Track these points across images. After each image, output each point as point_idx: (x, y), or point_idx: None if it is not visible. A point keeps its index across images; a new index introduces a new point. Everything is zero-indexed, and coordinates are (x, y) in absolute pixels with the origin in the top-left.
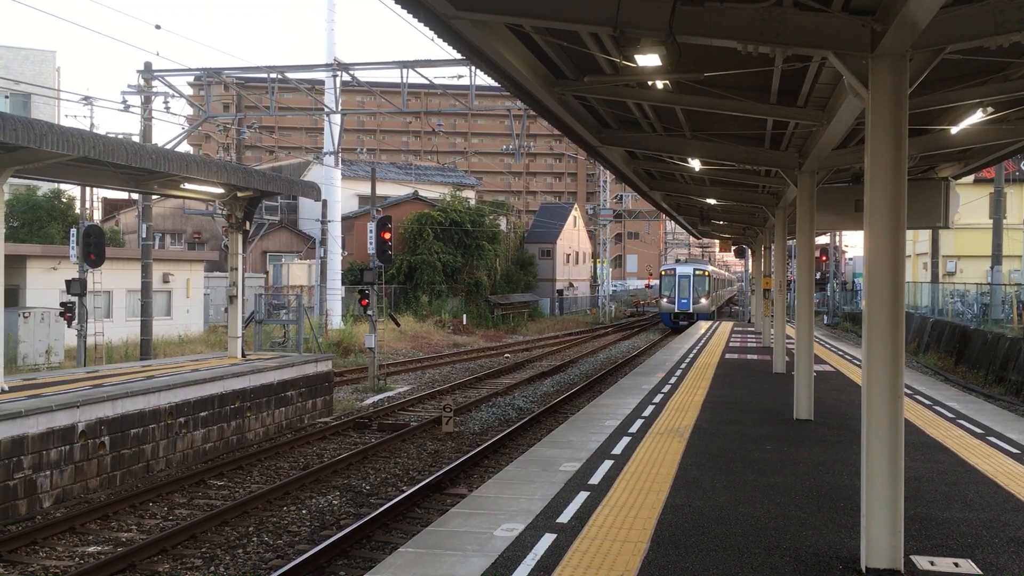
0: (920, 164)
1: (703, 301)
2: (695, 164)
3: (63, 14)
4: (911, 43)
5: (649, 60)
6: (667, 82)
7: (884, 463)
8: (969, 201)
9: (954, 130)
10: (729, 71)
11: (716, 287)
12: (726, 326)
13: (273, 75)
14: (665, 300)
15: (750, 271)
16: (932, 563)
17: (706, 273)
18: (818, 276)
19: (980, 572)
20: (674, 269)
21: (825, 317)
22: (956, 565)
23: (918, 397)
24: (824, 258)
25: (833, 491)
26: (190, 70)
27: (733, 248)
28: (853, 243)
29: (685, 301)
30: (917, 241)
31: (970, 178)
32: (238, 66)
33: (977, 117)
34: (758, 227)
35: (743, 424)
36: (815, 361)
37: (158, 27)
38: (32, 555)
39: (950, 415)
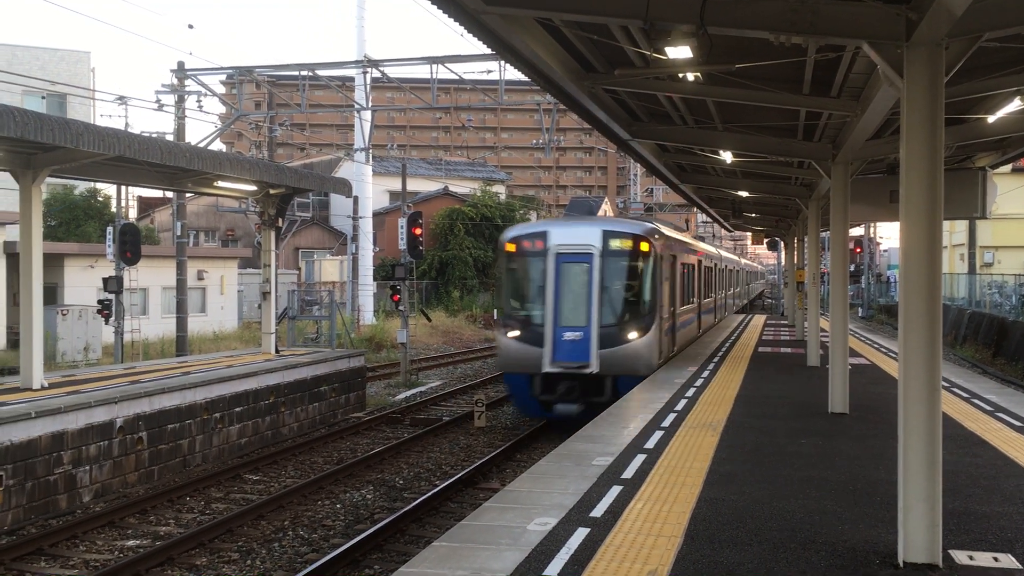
0: (956, 153)
1: (634, 339)
2: (727, 156)
3: (97, 15)
4: (947, 31)
5: (680, 52)
6: (698, 74)
7: (922, 456)
8: (1007, 191)
9: (991, 119)
10: (761, 62)
11: (694, 287)
12: (759, 319)
13: (304, 72)
14: (509, 334)
15: (783, 263)
16: (971, 557)
17: (645, 247)
18: (852, 268)
19: (1020, 566)
20: (544, 234)
21: (860, 310)
22: (996, 560)
23: (955, 390)
24: (858, 250)
25: (869, 485)
26: (222, 69)
27: (766, 240)
28: (887, 234)
29: (575, 339)
30: (954, 232)
31: (1008, 167)
32: (269, 64)
33: (1015, 105)
34: (791, 219)
35: (777, 418)
36: (850, 354)
37: (191, 27)
38: (73, 549)
39: (988, 408)
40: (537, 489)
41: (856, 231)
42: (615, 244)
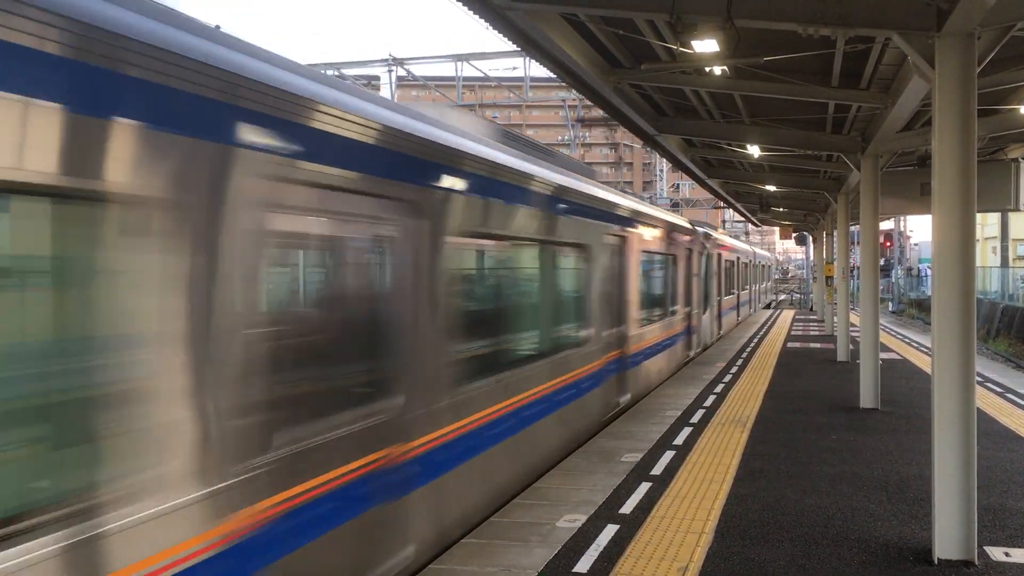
0: (988, 145)
1: None
2: (754, 151)
3: None
4: (979, 21)
5: (707, 46)
6: (725, 68)
7: (956, 452)
8: None
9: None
10: (789, 55)
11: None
12: (787, 314)
13: (330, 71)
14: None
15: (811, 258)
16: (1007, 554)
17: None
18: (882, 262)
19: None
20: None
21: (890, 304)
22: None
23: (989, 384)
24: (888, 243)
25: (902, 481)
26: None
27: (794, 235)
28: (917, 228)
29: None
30: (985, 224)
31: None
32: None
33: None
34: (819, 213)
35: (807, 413)
36: (880, 349)
37: (218, 27)
38: None
39: (1023, 403)
40: (566, 485)
41: (886, 224)
42: None
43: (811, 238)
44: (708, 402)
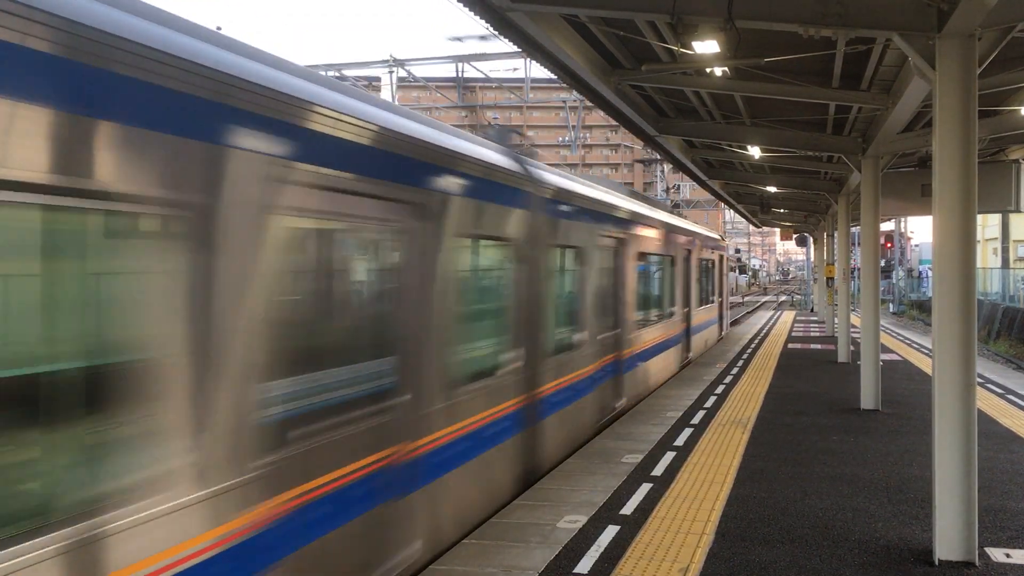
0: (989, 146)
1: None
2: (755, 151)
3: None
4: (979, 22)
5: (707, 47)
6: (726, 69)
7: (956, 454)
8: None
9: None
10: (790, 56)
11: None
12: (788, 315)
13: (331, 73)
14: None
15: (812, 259)
16: (1008, 555)
17: None
18: (883, 263)
19: None
20: None
21: (891, 305)
22: None
23: (989, 386)
24: (889, 245)
25: (903, 482)
26: None
27: (794, 236)
28: (918, 229)
29: None
30: (986, 226)
31: None
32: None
33: None
34: (820, 214)
35: (807, 414)
36: (881, 350)
37: (219, 28)
38: None
39: None
40: (566, 487)
41: (886, 226)
42: None
43: (812, 239)
44: (709, 403)
